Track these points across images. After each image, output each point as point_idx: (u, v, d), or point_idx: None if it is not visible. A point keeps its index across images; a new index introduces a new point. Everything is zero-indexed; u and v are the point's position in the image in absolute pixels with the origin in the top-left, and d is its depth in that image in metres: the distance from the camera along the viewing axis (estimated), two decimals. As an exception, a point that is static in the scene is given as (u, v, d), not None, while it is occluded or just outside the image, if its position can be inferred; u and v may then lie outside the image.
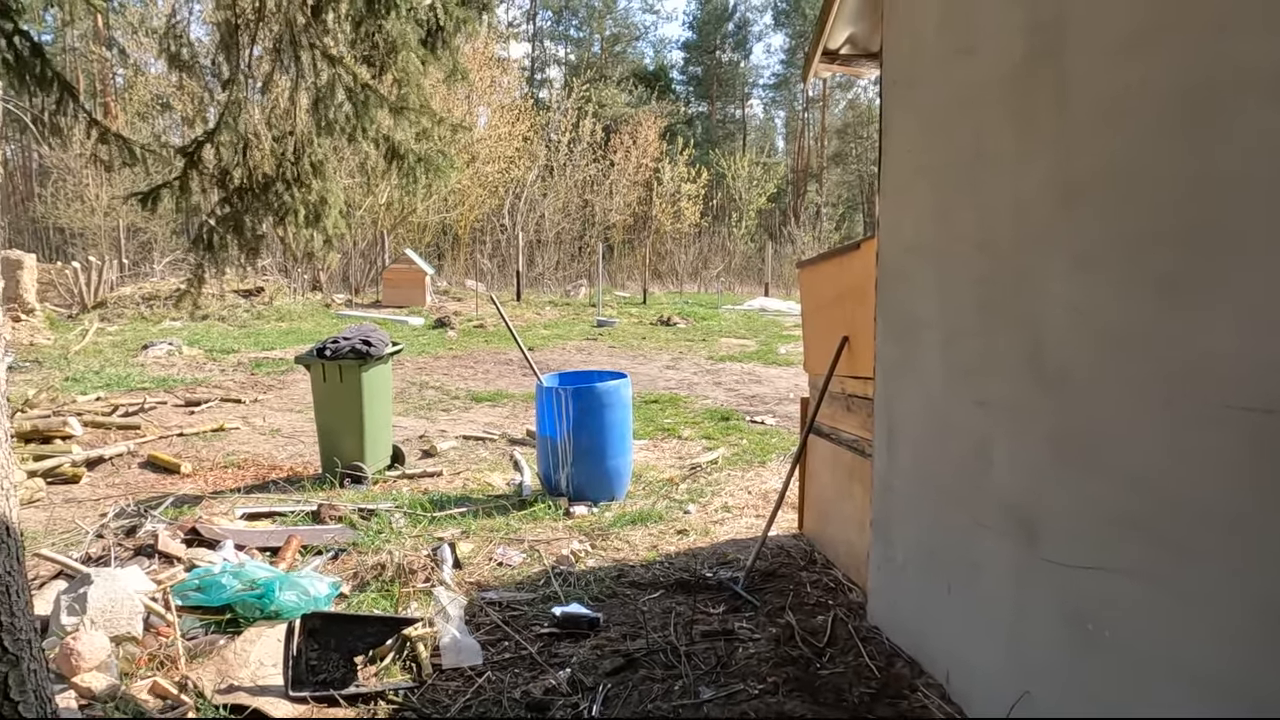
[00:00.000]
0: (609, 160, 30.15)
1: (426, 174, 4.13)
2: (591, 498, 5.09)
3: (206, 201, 3.76)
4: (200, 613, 3.33)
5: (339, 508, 4.63)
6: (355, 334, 5.70)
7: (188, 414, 7.64)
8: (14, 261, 13.88)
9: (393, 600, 3.58)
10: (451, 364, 11.40)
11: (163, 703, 2.75)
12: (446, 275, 24.69)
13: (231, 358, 11.25)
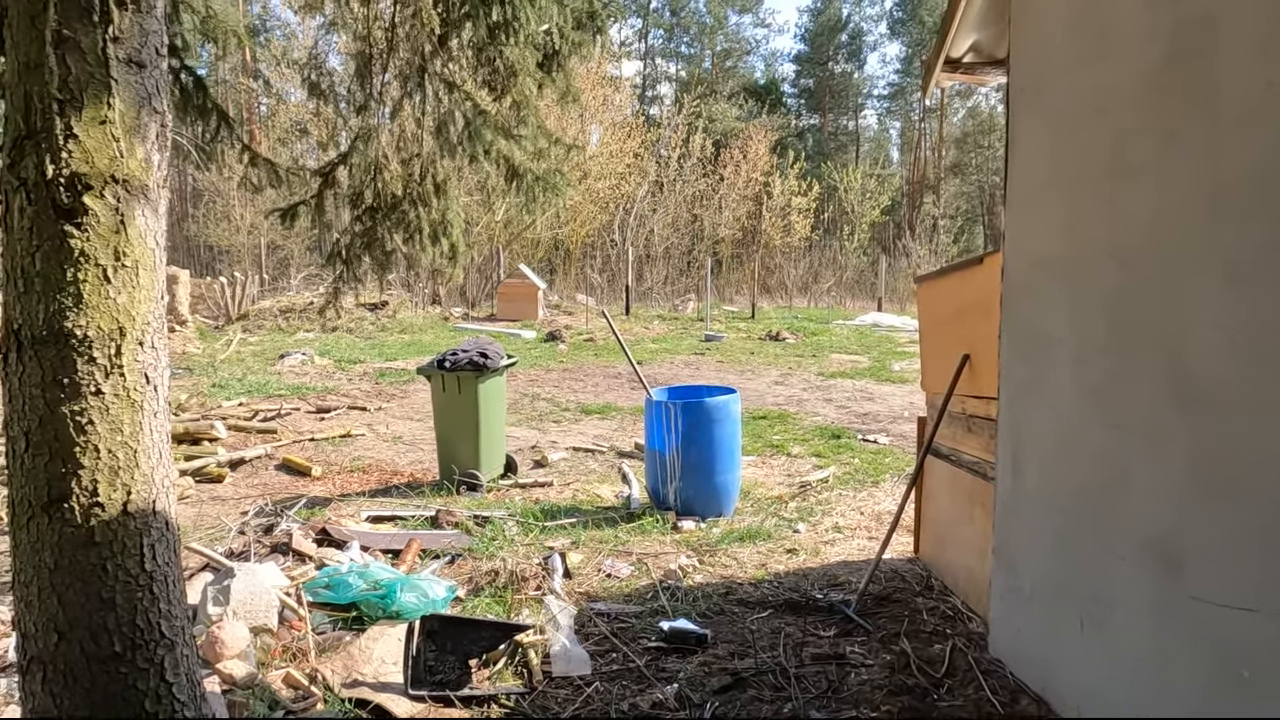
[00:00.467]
0: (718, 175, 30.18)
1: (544, 192, 4.26)
2: (699, 513, 5.08)
3: (339, 219, 4.00)
4: (328, 609, 3.52)
5: (456, 514, 4.80)
6: (473, 347, 5.91)
7: (318, 420, 8.11)
8: (170, 277, 15.16)
9: (505, 606, 3.67)
10: (562, 377, 11.63)
11: (294, 693, 2.91)
12: (558, 290, 25.27)
13: (358, 368, 11.87)
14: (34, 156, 1.86)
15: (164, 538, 2.05)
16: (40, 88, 1.86)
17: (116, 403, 1.94)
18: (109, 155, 1.92)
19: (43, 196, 1.86)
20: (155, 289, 2.04)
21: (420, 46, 3.82)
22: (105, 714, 1.92)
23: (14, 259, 1.89)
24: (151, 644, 1.99)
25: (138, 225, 1.98)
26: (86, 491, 1.91)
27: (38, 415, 1.89)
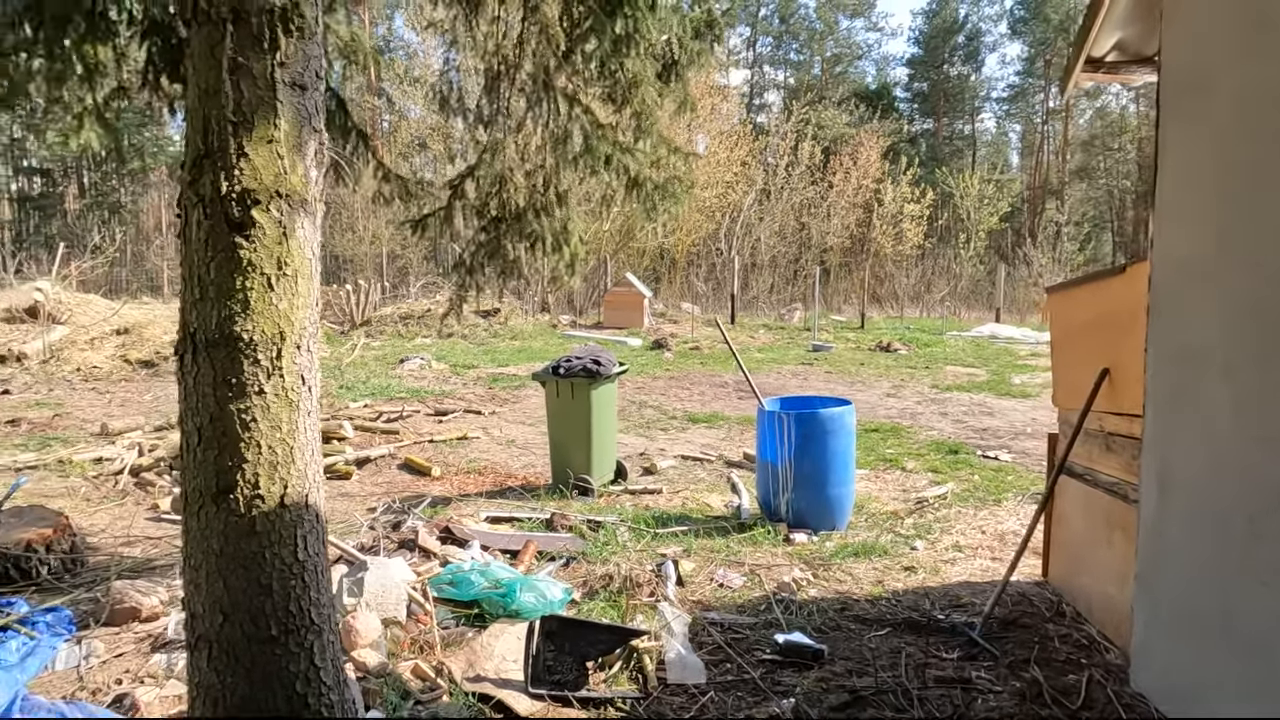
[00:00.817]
0: (827, 182, 29.68)
1: (663, 201, 4.30)
2: (811, 526, 5.00)
3: (467, 229, 4.15)
4: (451, 605, 3.65)
5: (569, 517, 4.89)
6: (586, 354, 6.02)
7: (437, 422, 8.43)
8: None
9: (619, 611, 3.71)
10: (668, 385, 11.68)
11: (422, 684, 3.03)
12: (663, 298, 25.42)
13: (472, 372, 12.27)
14: (211, 174, 2.02)
15: (314, 530, 2.18)
16: (217, 111, 2.02)
17: (276, 402, 2.08)
18: (274, 172, 2.07)
19: (217, 211, 2.02)
20: (311, 296, 2.18)
21: (545, 62, 3.93)
22: (262, 692, 2.06)
23: (191, 268, 2.06)
24: (302, 629, 2.12)
25: (298, 237, 2.12)
26: (249, 484, 2.05)
27: (209, 412, 2.04)
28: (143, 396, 9.96)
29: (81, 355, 12.22)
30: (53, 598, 4.00)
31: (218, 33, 2.02)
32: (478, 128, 4.08)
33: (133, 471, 6.35)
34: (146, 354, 12.63)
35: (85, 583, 4.25)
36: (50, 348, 12.12)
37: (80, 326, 13.15)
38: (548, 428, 6.10)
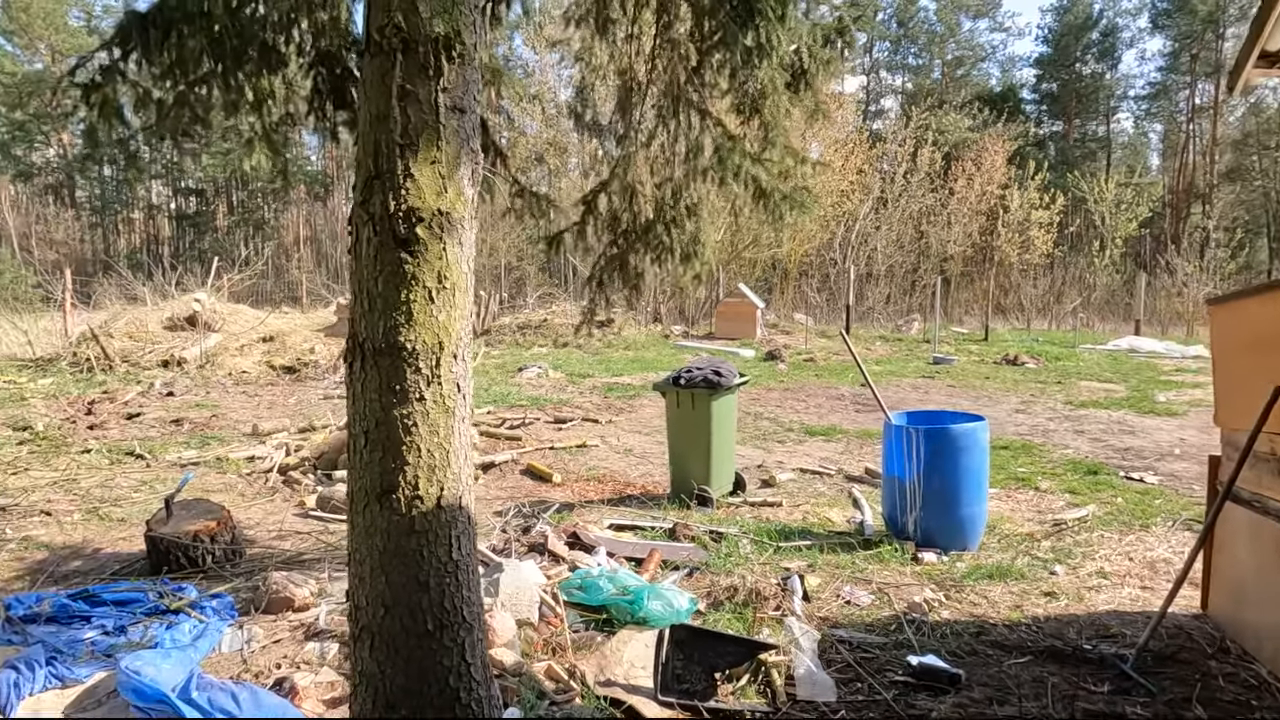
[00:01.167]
0: (948, 189, 28.64)
1: (791, 211, 4.27)
2: (941, 545, 4.82)
3: (599, 243, 4.25)
4: (580, 609, 3.73)
5: (691, 528, 4.91)
6: (706, 365, 6.03)
7: (556, 430, 8.63)
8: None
9: (745, 623, 3.70)
10: (783, 396, 11.54)
11: (555, 685, 3.11)
12: (775, 309, 25.15)
13: (587, 381, 12.51)
14: (380, 194, 2.16)
15: (466, 531, 2.29)
16: (386, 135, 2.16)
17: (435, 408, 2.20)
18: (436, 191, 2.19)
19: (385, 228, 2.15)
20: (466, 308, 2.29)
21: (677, 76, 3.98)
22: (418, 684, 2.17)
23: (361, 282, 2.20)
24: (455, 626, 2.23)
25: (455, 252, 2.24)
26: (410, 485, 2.17)
27: (375, 417, 2.18)
28: (287, 400, 10.66)
29: (232, 361, 13.20)
30: (216, 585, 4.33)
31: (388, 62, 2.16)
32: (609, 143, 4.17)
33: (280, 470, 6.80)
34: (289, 360, 13.52)
35: (244, 572, 4.58)
36: (206, 354, 13.16)
37: (231, 334, 14.22)
38: (667, 437, 6.15)
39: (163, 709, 2.90)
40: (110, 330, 13.61)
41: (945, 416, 5.39)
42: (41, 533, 5.27)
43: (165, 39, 3.17)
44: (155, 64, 3.25)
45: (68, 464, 7.07)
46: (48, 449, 7.62)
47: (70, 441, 7.93)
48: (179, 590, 4.18)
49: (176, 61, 3.23)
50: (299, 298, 24.68)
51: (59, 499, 6.01)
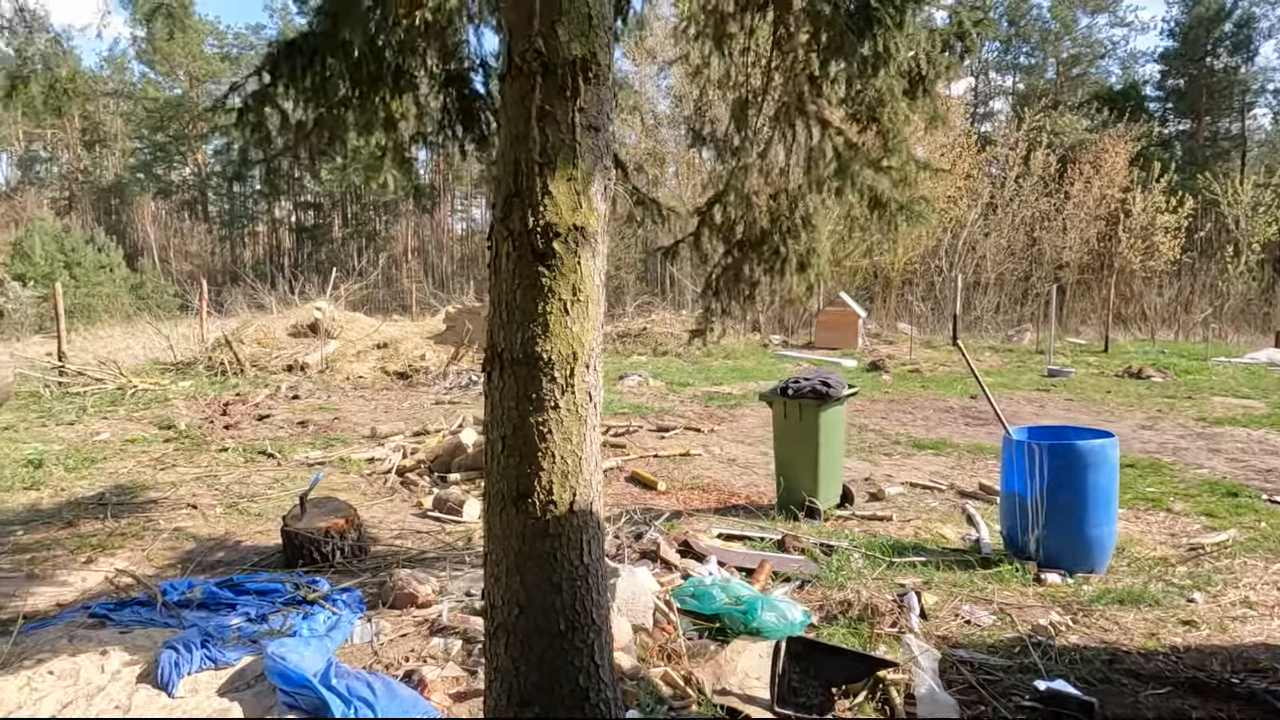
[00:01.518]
0: (1064, 193, 27.34)
1: (907, 220, 4.20)
2: (1066, 566, 4.62)
3: (714, 253, 4.29)
4: (693, 617, 3.76)
5: (801, 540, 4.87)
6: (815, 376, 5.97)
7: (659, 438, 8.70)
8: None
9: (860, 639, 3.64)
10: (888, 408, 11.27)
11: (671, 691, 3.15)
12: (876, 318, 24.59)
13: (687, 390, 12.54)
14: (519, 211, 2.26)
15: (596, 536, 2.36)
16: (525, 155, 2.26)
17: (568, 416, 2.28)
18: (572, 207, 2.28)
19: (524, 244, 2.25)
20: (598, 320, 2.37)
21: (793, 87, 3.98)
22: (550, 682, 2.24)
23: (500, 295, 2.31)
24: (585, 628, 2.29)
25: (589, 265, 2.31)
26: (544, 490, 2.26)
27: (511, 423, 2.27)
28: (401, 404, 11.13)
29: (350, 366, 13.89)
30: (345, 580, 4.58)
31: (528, 85, 2.26)
32: (725, 155, 4.20)
33: (398, 472, 7.12)
34: (401, 366, 14.12)
35: (370, 568, 4.82)
36: (326, 359, 13.89)
37: (349, 341, 14.96)
38: (774, 448, 6.11)
39: (306, 693, 3.09)
40: (241, 337, 14.55)
41: (1070, 432, 5.16)
42: (189, 524, 5.69)
43: (309, 66, 3.40)
44: (299, 89, 3.49)
45: (208, 461, 7.60)
46: (190, 446, 8.22)
47: (209, 440, 8.52)
48: (313, 583, 4.43)
49: (318, 86, 3.46)
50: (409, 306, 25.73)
51: (203, 493, 6.48)
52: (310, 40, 3.24)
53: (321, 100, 3.44)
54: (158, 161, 48.85)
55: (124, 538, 5.39)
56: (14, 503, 6.19)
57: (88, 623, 4.02)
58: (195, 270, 42.89)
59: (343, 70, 3.43)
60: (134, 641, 3.78)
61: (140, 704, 3.21)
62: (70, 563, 4.94)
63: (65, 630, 3.91)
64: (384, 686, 3.14)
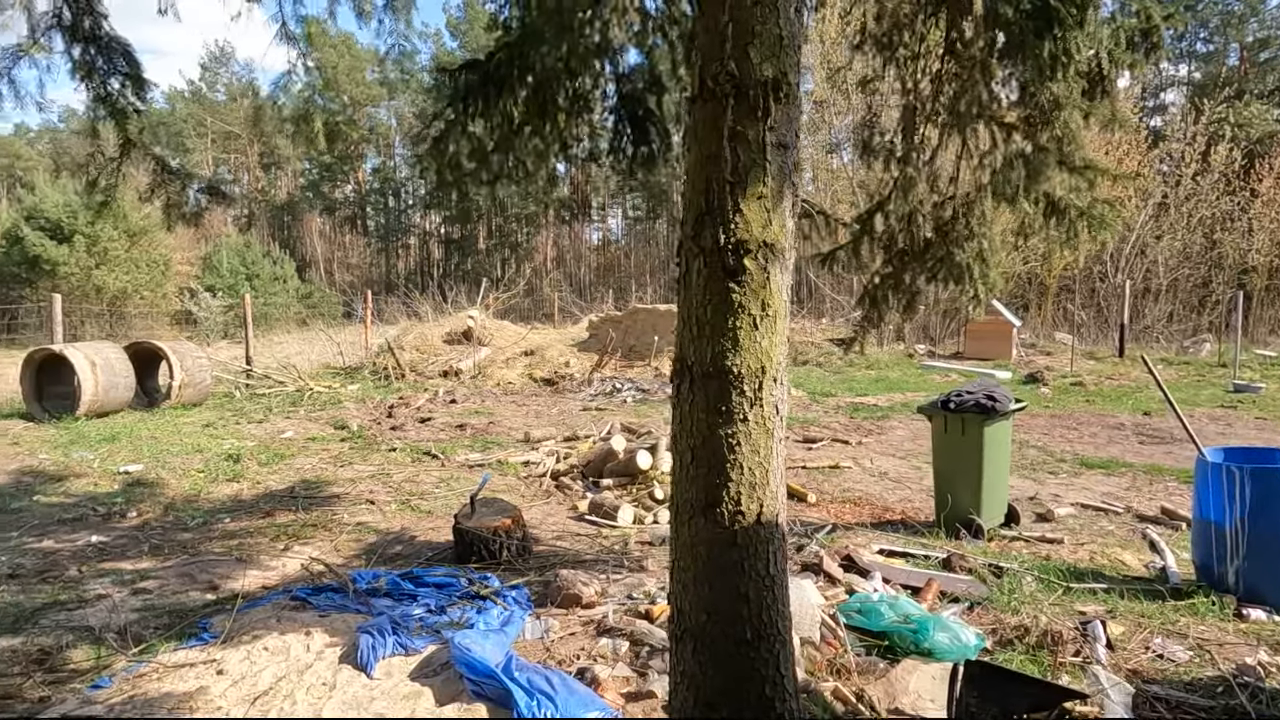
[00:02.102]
0: (1250, 191, 24.90)
1: (1089, 227, 3.99)
2: (1271, 602, 4.22)
3: (874, 262, 4.23)
4: (859, 633, 3.71)
5: (968, 559, 4.70)
6: (978, 389, 5.75)
7: (806, 449, 8.61)
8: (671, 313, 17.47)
9: (1040, 667, 3.48)
10: (1050, 423, 10.64)
11: (843, 706, 3.13)
12: (1031, 327, 23.23)
13: (830, 401, 12.32)
14: (710, 228, 2.33)
15: (781, 548, 2.39)
16: (717, 174, 2.33)
17: (756, 429, 2.33)
18: (762, 224, 2.33)
19: (715, 260, 2.32)
20: (785, 334, 2.41)
21: (965, 92, 3.88)
22: (736, 689, 2.29)
23: (690, 309, 2.39)
24: (771, 638, 2.33)
25: (777, 281, 2.36)
26: (732, 501, 2.31)
27: (700, 435, 2.35)
28: (550, 410, 11.54)
29: (500, 372, 14.53)
30: (512, 578, 4.81)
31: (719, 107, 2.33)
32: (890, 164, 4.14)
33: (553, 475, 7.39)
34: (547, 373, 14.63)
35: (535, 567, 5.04)
36: (478, 365, 14.59)
37: (498, 348, 15.65)
38: (933, 463, 5.92)
39: (491, 683, 3.28)
40: (401, 343, 15.51)
41: (1274, 455, 4.72)
42: (368, 518, 6.15)
43: (498, 94, 3.62)
44: (486, 116, 3.72)
45: (380, 460, 8.17)
46: (362, 446, 8.86)
47: (379, 440, 9.16)
48: (484, 579, 4.69)
49: (505, 113, 3.68)
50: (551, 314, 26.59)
51: (378, 490, 6.97)
52: (500, 69, 3.46)
53: (505, 126, 3.66)
54: (324, 180, 52.86)
55: (314, 529, 5.88)
56: (219, 493, 6.89)
57: (290, 604, 4.42)
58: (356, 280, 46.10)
59: (526, 97, 3.64)
60: (332, 624, 4.13)
61: (344, 682, 3.51)
62: (270, 549, 5.44)
63: (273, 610, 4.32)
64: (561, 682, 3.29)
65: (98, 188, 3.94)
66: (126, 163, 3.86)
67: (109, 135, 3.88)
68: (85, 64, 3.87)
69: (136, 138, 3.81)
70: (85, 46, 3.91)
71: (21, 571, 4.94)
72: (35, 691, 3.49)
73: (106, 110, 3.73)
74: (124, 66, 4.01)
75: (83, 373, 9.74)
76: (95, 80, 3.90)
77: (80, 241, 28.38)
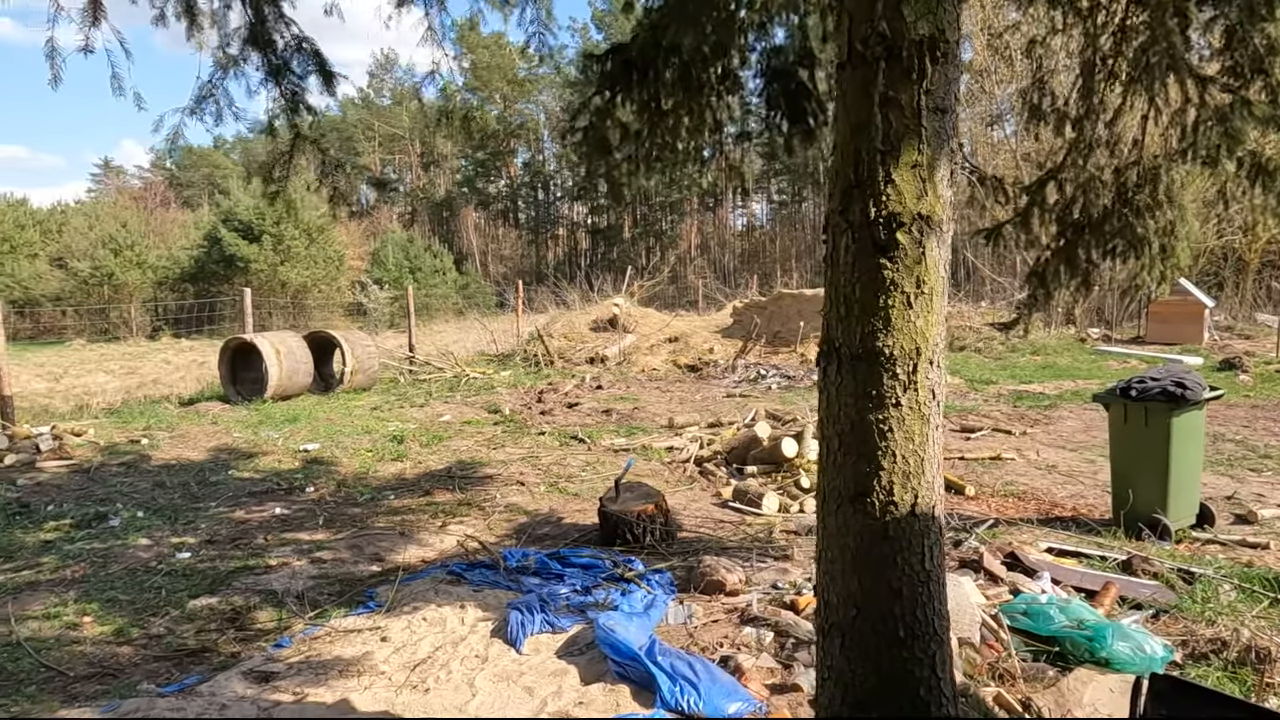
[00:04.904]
0: None
1: (1308, 190, 3.49)
2: None
3: (1045, 235, 3.89)
4: (1025, 637, 3.44)
5: (1152, 563, 4.26)
6: (1164, 375, 5.19)
7: (964, 439, 8.13)
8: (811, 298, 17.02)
9: (1242, 687, 3.10)
10: (1251, 415, 9.53)
11: (1006, 715, 2.91)
12: (1227, 307, 20.89)
13: (991, 388, 11.58)
14: (860, 202, 2.19)
15: (938, 542, 2.23)
16: (867, 144, 2.19)
17: (910, 415, 2.18)
18: (915, 194, 2.16)
19: (865, 235, 2.19)
20: (942, 313, 2.24)
21: (1159, 41, 3.47)
22: (889, 688, 2.17)
23: (837, 289, 2.26)
24: (926, 637, 2.18)
25: (933, 255, 2.19)
26: (884, 490, 2.18)
27: (849, 420, 2.22)
28: (693, 396, 11.54)
29: (644, 359, 14.67)
30: (655, 562, 4.82)
31: (870, 71, 2.18)
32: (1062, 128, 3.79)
33: (696, 461, 7.37)
34: (691, 359, 14.63)
35: (677, 553, 5.03)
36: (623, 352, 14.80)
37: (643, 335, 15.80)
38: (1110, 456, 5.42)
39: (635, 666, 3.30)
40: (549, 331, 15.98)
41: None
42: (519, 499, 6.36)
43: (644, 77, 3.59)
44: (635, 100, 3.70)
45: (529, 443, 8.45)
46: (514, 430, 9.19)
47: (529, 424, 9.47)
48: (629, 562, 4.73)
49: (652, 96, 3.64)
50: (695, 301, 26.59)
51: (528, 472, 7.20)
52: (646, 52, 3.42)
53: (654, 109, 3.62)
54: (479, 176, 55.29)
55: (468, 508, 6.15)
56: (385, 472, 7.34)
57: (446, 579, 4.64)
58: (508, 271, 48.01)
59: (675, 78, 3.59)
60: (484, 599, 4.30)
61: (495, 655, 3.63)
62: (428, 526, 5.74)
63: (431, 584, 4.55)
64: (704, 669, 3.26)
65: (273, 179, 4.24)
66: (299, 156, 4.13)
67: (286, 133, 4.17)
68: (277, 67, 4.15)
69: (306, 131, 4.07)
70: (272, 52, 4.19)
71: (218, 538, 5.46)
72: (229, 647, 3.84)
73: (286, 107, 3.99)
74: (313, 65, 4.27)
75: (269, 360, 10.66)
76: (286, 82, 4.18)
77: (268, 240, 31.17)
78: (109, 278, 31.27)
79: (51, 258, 33.94)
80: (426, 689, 3.36)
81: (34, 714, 3.19)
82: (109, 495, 6.47)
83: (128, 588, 4.55)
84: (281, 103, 3.83)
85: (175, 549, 5.19)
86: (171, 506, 6.17)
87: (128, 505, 6.17)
